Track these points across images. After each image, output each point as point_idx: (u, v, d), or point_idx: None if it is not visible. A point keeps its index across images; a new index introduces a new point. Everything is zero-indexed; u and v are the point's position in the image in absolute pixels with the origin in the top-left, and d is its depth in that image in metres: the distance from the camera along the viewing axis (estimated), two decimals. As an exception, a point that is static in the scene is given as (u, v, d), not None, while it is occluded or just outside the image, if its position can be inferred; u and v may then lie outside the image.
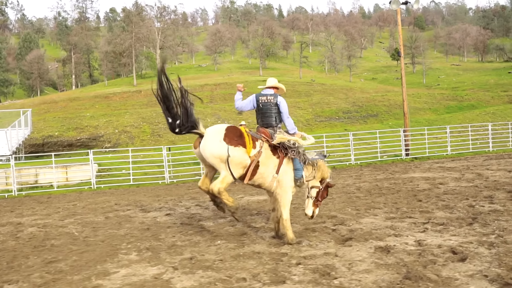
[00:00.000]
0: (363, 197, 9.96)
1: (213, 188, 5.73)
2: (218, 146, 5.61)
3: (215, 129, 5.90)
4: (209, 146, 5.68)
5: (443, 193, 9.79)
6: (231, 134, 5.70)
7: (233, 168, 5.65)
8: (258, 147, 5.86)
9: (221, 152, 5.59)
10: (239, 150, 5.65)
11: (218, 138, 5.65)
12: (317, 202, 6.45)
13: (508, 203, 7.91)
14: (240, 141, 5.70)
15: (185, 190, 14.84)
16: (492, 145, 22.22)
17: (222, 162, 5.63)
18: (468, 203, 8.25)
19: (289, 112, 6.45)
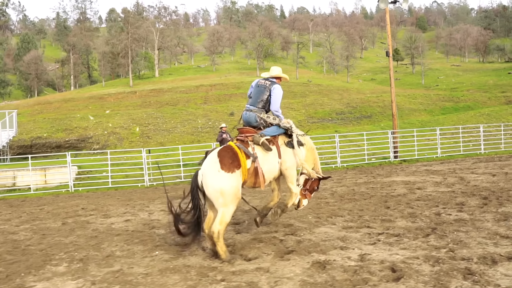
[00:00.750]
0: (332, 203, 9.50)
1: (213, 231, 5.45)
2: (217, 179, 5.46)
3: (210, 161, 5.67)
4: (209, 181, 5.51)
5: (416, 199, 9.31)
6: (225, 159, 5.56)
7: (230, 201, 5.50)
8: (251, 152, 5.75)
9: (221, 185, 5.43)
10: (235, 176, 5.53)
11: (215, 169, 5.51)
12: (305, 192, 6.35)
13: (477, 211, 7.43)
14: (235, 163, 5.57)
15: (160, 193, 14.41)
16: (484, 147, 21.67)
17: (221, 196, 5.44)
18: (436, 211, 7.77)
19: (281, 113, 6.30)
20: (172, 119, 31.01)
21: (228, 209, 5.48)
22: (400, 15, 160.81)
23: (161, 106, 39.04)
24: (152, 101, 41.69)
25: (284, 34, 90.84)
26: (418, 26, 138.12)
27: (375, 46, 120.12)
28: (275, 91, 6.07)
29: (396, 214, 7.66)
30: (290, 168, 6.11)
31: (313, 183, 6.45)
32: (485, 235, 5.74)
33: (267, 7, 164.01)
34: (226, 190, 5.41)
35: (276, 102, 6.11)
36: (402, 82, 61.80)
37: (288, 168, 6.10)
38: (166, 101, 41.31)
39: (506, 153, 21.12)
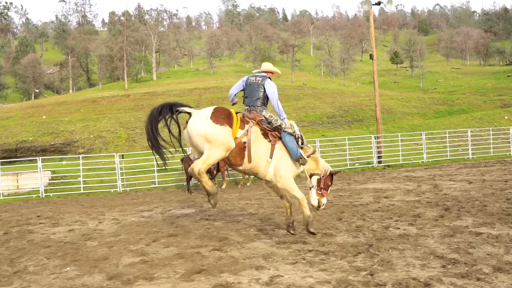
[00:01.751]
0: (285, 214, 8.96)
1: (193, 168, 5.52)
2: (203, 124, 5.50)
3: (203, 110, 5.79)
4: (195, 125, 5.59)
5: (375, 209, 8.79)
6: (218, 113, 5.61)
7: (216, 147, 5.47)
8: (247, 128, 5.73)
9: (206, 130, 5.46)
10: (224, 129, 5.52)
11: (204, 117, 5.57)
12: (321, 191, 6.26)
13: (429, 225, 6.90)
14: (227, 120, 5.58)
15: (128, 200, 13.97)
16: (473, 152, 21.06)
17: (205, 141, 5.47)
18: (386, 224, 7.25)
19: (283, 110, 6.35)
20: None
21: (214, 152, 5.46)
22: (402, 18, 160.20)
23: (153, 109, 38.62)
24: (144, 105, 41.28)
25: (283, 37, 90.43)
26: (421, 29, 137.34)
27: (376, 49, 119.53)
28: (268, 88, 6.05)
29: (342, 227, 7.14)
30: (284, 178, 5.93)
31: (326, 180, 6.32)
32: (420, 254, 5.22)
33: (269, 10, 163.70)
34: (212, 135, 5.43)
35: (274, 99, 6.11)
36: (401, 85, 61.18)
37: (282, 176, 5.94)
38: (157, 104, 40.85)
39: (494, 158, 20.50)
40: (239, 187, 15.73)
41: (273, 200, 11.30)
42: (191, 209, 10.98)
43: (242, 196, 12.73)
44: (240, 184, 16.05)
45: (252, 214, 9.35)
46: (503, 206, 8.13)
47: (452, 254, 5.09)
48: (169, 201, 12.96)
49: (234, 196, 12.91)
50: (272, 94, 6.11)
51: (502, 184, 11.45)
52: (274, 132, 5.97)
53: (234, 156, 5.74)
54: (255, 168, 5.89)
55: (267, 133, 5.91)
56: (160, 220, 9.44)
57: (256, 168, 5.89)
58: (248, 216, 9.13)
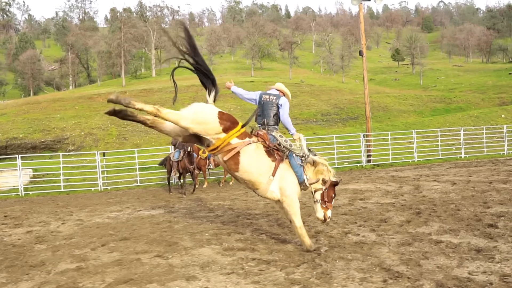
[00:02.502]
0: (254, 217, 8.61)
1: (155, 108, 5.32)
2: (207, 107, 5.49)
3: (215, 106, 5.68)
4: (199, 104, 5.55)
5: (344, 213, 8.40)
6: (226, 114, 5.58)
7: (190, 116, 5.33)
8: (247, 140, 5.62)
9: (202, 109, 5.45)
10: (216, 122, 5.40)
11: (212, 107, 5.55)
12: (325, 204, 6.10)
13: (391, 231, 6.52)
14: (230, 123, 5.49)
15: (104, 199, 13.64)
16: (466, 151, 20.57)
17: (193, 112, 5.37)
18: (348, 229, 6.90)
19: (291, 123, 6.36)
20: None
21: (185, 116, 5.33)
22: (406, 15, 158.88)
23: (148, 106, 38.36)
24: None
25: (285, 34, 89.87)
26: (424, 26, 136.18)
27: (379, 46, 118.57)
28: (283, 105, 6.06)
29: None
30: (290, 198, 5.79)
31: (328, 192, 6.14)
32: (366, 266, 4.85)
33: (272, 7, 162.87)
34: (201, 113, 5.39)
35: (285, 117, 6.08)
36: (401, 82, 60.57)
37: (288, 196, 5.79)
38: (154, 101, 40.51)
39: (487, 157, 20.01)
40: (221, 186, 15.44)
41: (246, 201, 10.95)
42: (161, 210, 10.65)
43: (219, 196, 12.38)
44: (222, 182, 15.74)
45: (218, 216, 8.99)
46: (477, 211, 7.72)
47: (400, 266, 4.71)
48: (144, 201, 12.63)
49: (211, 196, 12.57)
50: (284, 111, 6.10)
51: (485, 186, 11.02)
52: (280, 152, 5.89)
53: (228, 161, 5.59)
54: (255, 184, 5.75)
55: (272, 152, 5.83)
56: (123, 221, 9.12)
57: (256, 184, 5.75)
58: (212, 218, 8.78)
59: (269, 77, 56.22)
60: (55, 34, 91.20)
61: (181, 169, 13.61)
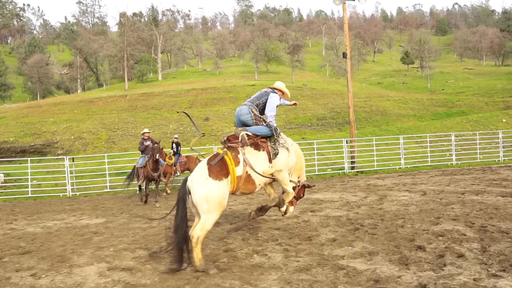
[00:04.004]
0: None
1: (193, 235, 5.33)
2: (204, 185, 5.43)
3: (200, 168, 5.68)
4: (197, 187, 5.45)
5: (277, 227, 7.67)
6: (214, 168, 5.57)
7: (213, 209, 5.38)
8: (242, 159, 5.76)
9: (207, 191, 5.39)
10: (222, 184, 5.50)
11: (204, 176, 5.51)
12: (292, 199, 6.39)
13: (303, 252, 5.76)
14: (224, 172, 5.57)
15: (63, 206, 13.13)
16: (458, 157, 19.52)
17: (206, 202, 5.36)
18: (260, 248, 6.18)
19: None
20: (144, 123, 29.83)
21: (211, 216, 5.37)
22: (420, 17, 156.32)
23: (145, 110, 38.08)
24: (139, 105, 40.81)
25: (292, 38, 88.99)
26: (438, 28, 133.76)
27: (392, 49, 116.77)
28: (272, 98, 6.29)
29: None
30: (282, 171, 6.10)
31: (299, 190, 6.57)
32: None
33: (284, 10, 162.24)
34: (212, 197, 5.35)
35: (270, 105, 6.23)
36: (409, 86, 59.15)
37: (280, 170, 6.08)
38: (152, 105, 40.35)
39: (481, 164, 18.92)
40: None
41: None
42: (103, 219, 10.09)
43: (171, 205, 11.72)
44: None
45: (150, 227, 8.36)
46: (420, 228, 6.90)
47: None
48: (99, 208, 12.08)
49: (166, 205, 11.93)
50: (271, 102, 6.27)
51: (454, 197, 10.12)
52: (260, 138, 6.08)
53: (247, 187, 5.84)
54: (265, 181, 6.10)
55: (256, 143, 6.02)
56: (51, 232, 8.60)
57: (265, 180, 6.08)
58: (141, 230, 8.15)
59: (272, 80, 55.49)
60: (64, 39, 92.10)
61: (145, 177, 12.73)
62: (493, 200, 9.49)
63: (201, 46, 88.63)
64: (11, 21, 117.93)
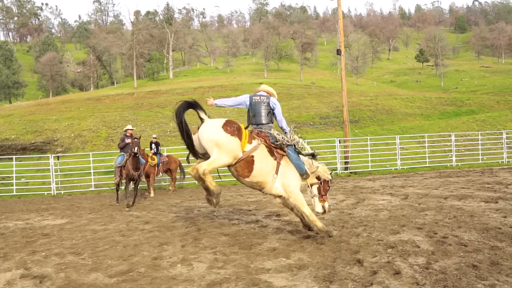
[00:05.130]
0: (127, 236, 7.53)
1: (198, 168, 5.63)
2: (215, 131, 5.70)
3: (215, 119, 5.97)
4: (206, 131, 5.77)
5: (227, 233, 7.17)
6: (229, 124, 5.82)
7: (224, 153, 5.63)
8: (255, 144, 5.94)
9: (217, 137, 5.65)
10: (234, 139, 5.71)
11: (217, 125, 5.77)
12: (323, 197, 6.54)
13: (231, 264, 5.25)
14: (237, 133, 5.78)
15: (39, 205, 12.89)
16: (460, 158, 18.67)
17: (215, 145, 5.62)
18: (191, 256, 5.67)
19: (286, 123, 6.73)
20: (144, 122, 29.72)
21: (221, 156, 5.59)
22: (439, 15, 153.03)
23: (150, 107, 38.01)
24: (144, 103, 40.76)
25: (308, 35, 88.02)
26: (457, 26, 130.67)
27: (408, 47, 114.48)
28: (276, 105, 6.48)
29: (115, 263, 5.61)
30: (294, 193, 6.11)
31: (324, 186, 6.59)
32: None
33: (300, 8, 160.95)
34: (222, 142, 5.60)
35: (280, 116, 6.50)
36: (422, 84, 57.78)
37: (292, 192, 6.11)
38: (157, 103, 40.26)
39: (483, 165, 18.03)
40: (171, 191, 14.58)
41: (164, 212, 9.87)
42: (66, 219, 9.80)
43: (146, 206, 11.37)
44: (172, 188, 14.84)
45: (95, 232, 7.96)
46: (376, 238, 6.33)
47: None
48: (74, 208, 11.80)
49: (142, 206, 11.56)
50: (278, 110, 6.51)
51: (434, 202, 9.47)
52: (279, 149, 6.20)
53: (242, 168, 5.91)
54: (262, 183, 6.09)
55: (272, 150, 6.15)
56: (4, 233, 8.34)
57: (263, 183, 6.09)
58: (89, 233, 7.76)
59: (282, 78, 54.97)
60: (78, 37, 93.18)
61: (124, 176, 11.90)
62: (474, 206, 8.81)
63: (214, 44, 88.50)
64: (29, 20, 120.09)
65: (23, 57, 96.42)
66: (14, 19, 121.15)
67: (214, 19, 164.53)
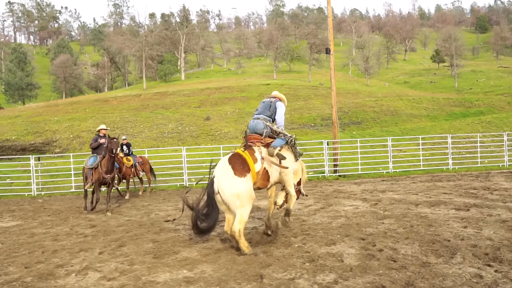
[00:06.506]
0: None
1: (234, 231, 5.77)
2: (233, 184, 5.80)
3: (222, 168, 5.99)
4: (226, 187, 5.81)
5: (156, 241, 6.69)
6: (236, 165, 5.95)
7: (247, 203, 5.83)
8: (259, 156, 6.20)
9: (237, 189, 5.78)
10: (249, 179, 5.93)
11: (230, 175, 5.87)
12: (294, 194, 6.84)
13: (125, 276, 4.76)
14: (246, 168, 5.97)
15: (11, 206, 12.68)
16: (459, 161, 17.76)
17: (237, 199, 5.77)
18: (70, 270, 5.19)
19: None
20: (143, 123, 29.52)
21: (245, 209, 5.82)
22: (460, 14, 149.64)
23: (155, 109, 37.90)
24: (150, 104, 40.69)
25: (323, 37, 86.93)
26: (478, 26, 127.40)
27: (427, 47, 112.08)
28: (279, 107, 6.82)
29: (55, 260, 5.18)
30: (288, 174, 6.57)
31: (296, 192, 6.96)
32: None
33: (318, 9, 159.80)
34: (242, 193, 5.78)
35: (280, 115, 6.77)
36: (437, 85, 56.26)
37: (287, 173, 6.54)
38: (163, 104, 40.15)
39: (482, 169, 17.08)
40: (148, 194, 14.23)
41: (121, 214, 9.47)
42: (19, 221, 9.54)
43: (120, 210, 10.99)
44: (148, 191, 14.50)
45: (30, 235, 7.59)
46: (307, 249, 5.76)
47: None
48: (41, 210, 11.53)
49: (119, 208, 11.20)
50: (280, 112, 6.79)
51: (402, 210, 8.81)
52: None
53: (262, 182, 6.24)
54: (276, 180, 6.54)
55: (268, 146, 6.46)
56: None
57: (276, 179, 6.53)
58: (24, 238, 7.41)
59: (291, 79, 54.33)
60: (92, 39, 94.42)
61: (95, 179, 10.98)
62: (441, 214, 8.11)
63: (227, 45, 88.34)
64: (49, 24, 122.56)
65: (42, 60, 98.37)
66: (35, 23, 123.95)
67: (231, 21, 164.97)
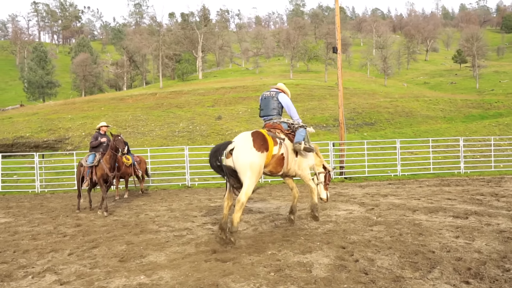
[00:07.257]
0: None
1: (239, 199, 5.88)
2: (249, 154, 5.97)
3: (244, 138, 6.17)
4: (241, 155, 5.98)
5: (132, 243, 6.48)
6: (258, 140, 6.13)
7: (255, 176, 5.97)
8: (279, 141, 6.39)
9: (251, 159, 5.94)
10: (264, 155, 6.09)
11: (249, 146, 6.05)
12: (327, 185, 7.31)
13: (80, 280, 4.56)
14: (265, 146, 6.14)
15: (10, 203, 12.73)
16: (471, 165, 17.09)
17: (249, 169, 5.90)
18: (32, 271, 5.01)
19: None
20: (154, 121, 29.56)
21: (252, 182, 5.92)
22: (485, 14, 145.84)
23: (169, 107, 38.00)
24: (164, 103, 40.84)
25: (342, 36, 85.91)
26: (504, 25, 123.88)
27: (449, 48, 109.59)
28: (282, 99, 6.85)
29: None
30: (305, 169, 6.84)
31: (329, 176, 7.33)
32: None
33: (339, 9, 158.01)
34: (254, 164, 5.93)
35: (291, 108, 6.89)
36: (457, 86, 54.85)
37: (303, 169, 6.83)
38: (177, 103, 40.24)
39: (495, 173, 16.38)
40: (140, 193, 14.13)
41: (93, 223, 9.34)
42: (11, 219, 9.53)
43: (113, 210, 10.87)
44: (141, 190, 14.36)
45: (12, 234, 7.49)
46: (277, 257, 5.45)
47: None
48: (37, 207, 11.54)
49: (113, 207, 11.10)
50: (286, 102, 6.88)
51: (397, 216, 8.39)
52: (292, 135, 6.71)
53: (275, 166, 6.38)
54: (291, 170, 6.69)
55: (289, 137, 6.66)
56: None
57: (291, 171, 6.72)
58: (5, 235, 7.32)
59: (307, 79, 53.82)
60: (112, 38, 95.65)
61: (96, 178, 10.60)
62: (436, 222, 7.66)
63: (245, 45, 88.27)
64: (71, 23, 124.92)
65: (64, 59, 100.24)
66: (58, 22, 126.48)
67: (251, 21, 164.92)
